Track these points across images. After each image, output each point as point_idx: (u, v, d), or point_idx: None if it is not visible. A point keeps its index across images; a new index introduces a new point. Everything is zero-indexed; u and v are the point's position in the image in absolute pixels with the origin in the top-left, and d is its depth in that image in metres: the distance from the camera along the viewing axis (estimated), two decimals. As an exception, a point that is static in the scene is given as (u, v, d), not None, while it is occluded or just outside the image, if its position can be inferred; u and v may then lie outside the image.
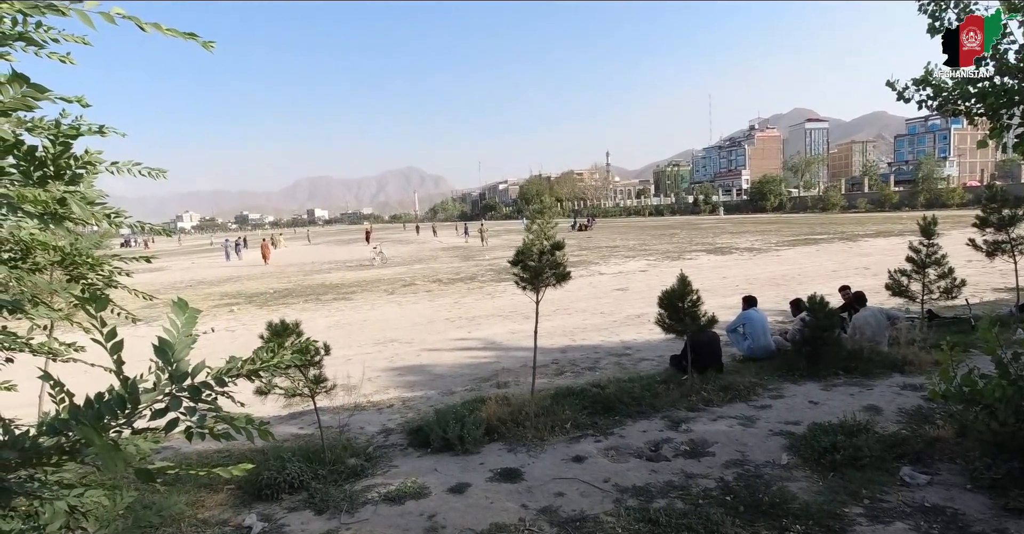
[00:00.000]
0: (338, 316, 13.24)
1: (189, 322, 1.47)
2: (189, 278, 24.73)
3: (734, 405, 5.81)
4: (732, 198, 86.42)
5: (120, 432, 1.38)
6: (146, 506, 3.65)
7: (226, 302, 16.35)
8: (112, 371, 1.48)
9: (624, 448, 4.92)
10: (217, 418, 1.37)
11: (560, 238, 5.62)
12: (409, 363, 8.68)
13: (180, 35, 1.47)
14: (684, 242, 29.83)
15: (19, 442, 1.28)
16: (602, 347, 8.97)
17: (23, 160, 1.42)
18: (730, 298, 11.68)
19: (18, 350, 2.06)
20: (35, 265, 2.15)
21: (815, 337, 6.60)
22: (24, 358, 2.33)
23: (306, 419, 6.12)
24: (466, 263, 24.72)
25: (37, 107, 1.33)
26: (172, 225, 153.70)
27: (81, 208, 1.60)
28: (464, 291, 16.06)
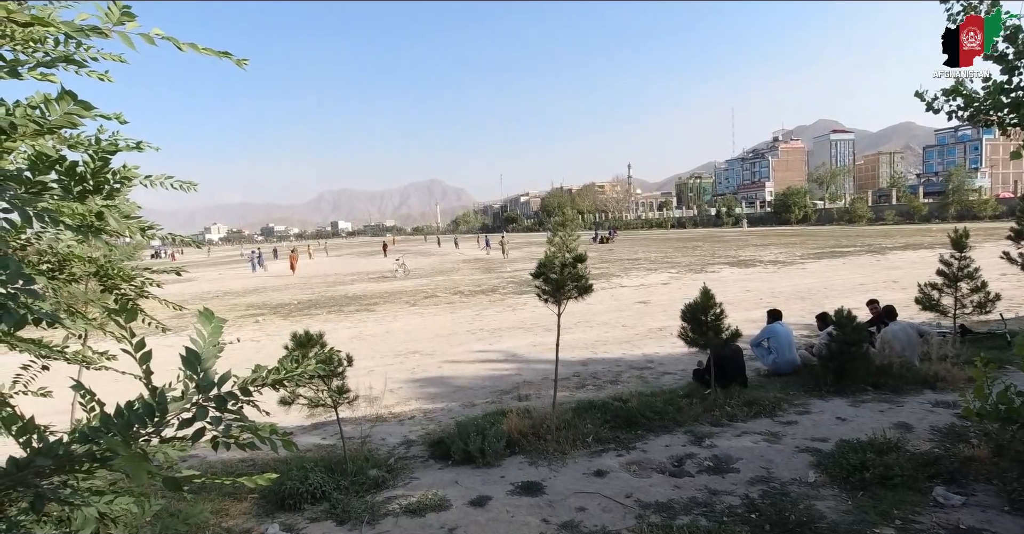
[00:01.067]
0: (361, 327, 13.34)
1: (215, 332, 1.50)
2: (216, 289, 25.15)
3: (759, 420, 5.71)
4: (755, 210, 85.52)
5: (149, 441, 1.41)
6: (172, 514, 3.70)
7: (251, 313, 16.59)
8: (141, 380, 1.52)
9: (646, 463, 4.86)
10: (242, 428, 1.39)
11: (582, 251, 5.62)
12: (430, 375, 8.70)
13: (215, 54, 1.52)
14: (707, 255, 29.54)
15: (53, 449, 1.32)
16: (624, 360, 8.90)
17: (65, 175, 1.48)
18: (754, 312, 11.52)
19: (53, 359, 2.12)
20: (71, 276, 2.22)
21: (842, 352, 6.47)
22: (57, 366, 2.41)
23: (328, 429, 6.16)
24: (487, 275, 24.77)
25: (81, 125, 1.38)
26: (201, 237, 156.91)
27: (118, 222, 1.65)
28: (485, 303, 16.07)
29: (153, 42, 1.45)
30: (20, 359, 2.28)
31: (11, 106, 1.46)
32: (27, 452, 1.32)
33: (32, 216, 1.29)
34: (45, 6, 1.59)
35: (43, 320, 1.47)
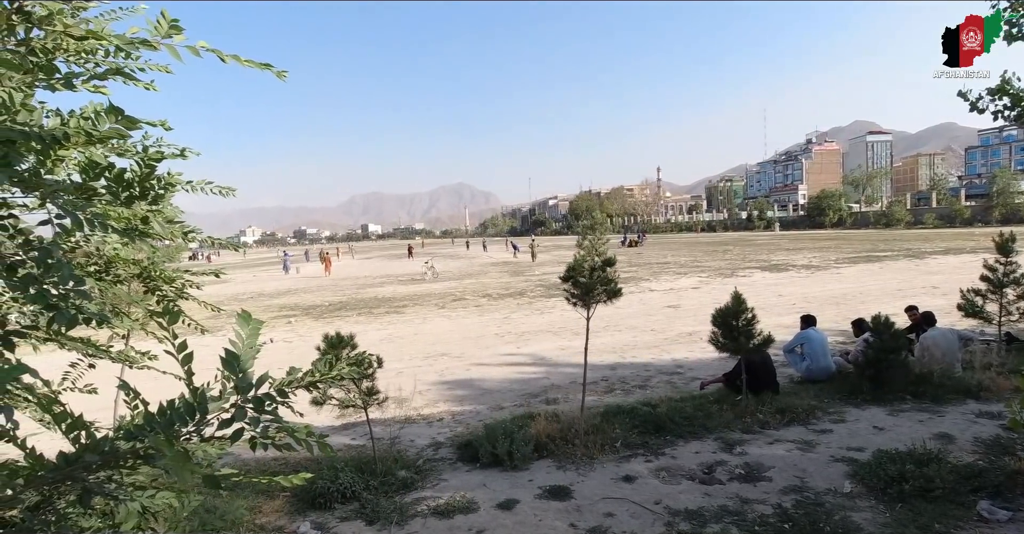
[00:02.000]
0: (390, 329, 13.48)
1: (253, 334, 1.54)
2: (251, 290, 25.68)
3: (792, 428, 5.60)
4: (788, 214, 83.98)
5: (190, 439, 1.45)
6: (208, 510, 3.79)
7: (284, 314, 16.90)
8: (181, 379, 1.57)
9: (676, 469, 4.81)
10: (279, 429, 1.43)
11: (611, 254, 5.60)
12: (459, 377, 8.74)
13: (257, 66, 1.56)
14: (737, 259, 29.09)
15: (100, 446, 1.37)
16: (653, 365, 8.82)
17: (113, 182, 1.53)
18: (786, 317, 11.32)
19: (99, 357, 2.20)
20: (117, 277, 2.30)
21: (880, 359, 6.30)
22: (100, 365, 2.49)
23: (358, 430, 6.24)
24: (515, 278, 24.80)
25: (129, 136, 1.44)
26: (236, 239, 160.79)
27: (162, 226, 1.71)
28: (514, 306, 16.10)
29: (199, 54, 1.51)
30: (67, 358, 2.37)
31: (65, 116, 1.52)
32: (75, 447, 1.38)
33: (83, 221, 1.35)
34: (98, 17, 1.67)
35: (92, 320, 1.53)
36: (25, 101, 1.39)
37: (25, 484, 1.40)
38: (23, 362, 1.27)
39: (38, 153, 1.44)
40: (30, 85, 1.43)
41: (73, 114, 1.55)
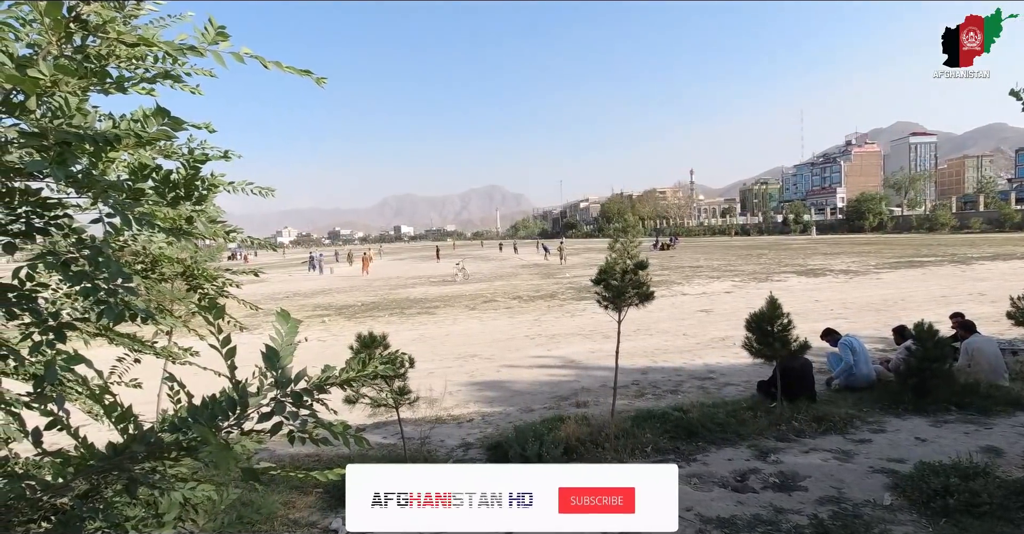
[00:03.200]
0: (421, 330, 13.59)
1: (291, 331, 1.58)
2: (286, 290, 26.19)
3: (829, 437, 5.47)
4: (825, 217, 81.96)
5: (230, 432, 1.49)
6: (245, 503, 3.88)
7: (318, 313, 17.18)
8: (220, 375, 1.61)
9: (707, 476, 4.74)
10: (316, 424, 1.46)
11: (643, 257, 5.55)
12: (489, 379, 8.77)
13: (297, 72, 1.60)
14: (772, 263, 28.53)
15: (146, 437, 1.41)
16: (684, 370, 8.71)
17: (160, 183, 1.59)
18: (823, 323, 11.05)
19: (144, 353, 2.28)
20: (161, 276, 2.38)
21: (923, 368, 6.11)
22: (143, 361, 2.58)
23: (389, 429, 6.31)
24: (546, 281, 24.77)
25: (176, 137, 1.49)
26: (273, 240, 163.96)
27: (205, 226, 1.76)
28: (544, 308, 16.07)
29: (242, 60, 1.55)
30: (114, 353, 2.46)
31: (117, 119, 1.58)
32: (123, 438, 1.43)
33: (132, 220, 1.40)
34: (148, 25, 1.73)
35: (138, 315, 1.58)
36: (80, 105, 1.45)
37: (75, 473, 1.46)
38: (79, 352, 1.33)
39: (91, 155, 1.50)
40: (85, 89, 1.49)
41: (124, 117, 1.61)
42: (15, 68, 1.22)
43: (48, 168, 1.20)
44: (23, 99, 1.35)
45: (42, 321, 1.38)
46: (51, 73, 1.26)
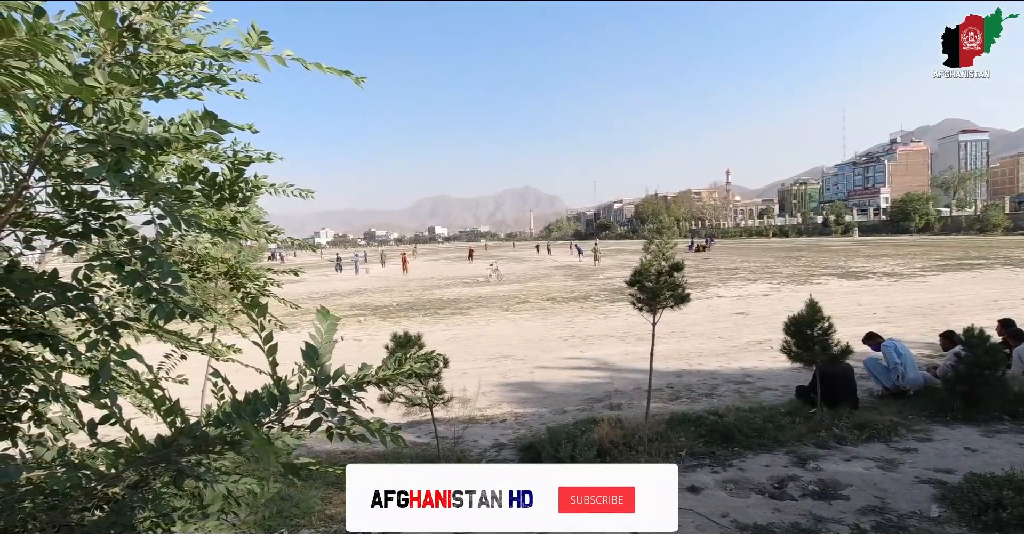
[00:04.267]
0: (455, 330, 13.68)
1: (331, 330, 1.62)
2: (323, 290, 26.67)
3: (871, 445, 5.31)
4: (868, 218, 79.55)
5: (272, 427, 1.54)
6: (284, 498, 3.98)
7: (354, 313, 17.45)
8: (261, 372, 1.65)
9: (744, 482, 4.66)
10: (354, 421, 1.49)
11: (679, 259, 5.49)
12: (522, 379, 8.78)
13: (337, 72, 1.64)
14: (812, 265, 27.84)
15: (192, 431, 1.47)
16: (720, 373, 8.57)
17: (207, 185, 1.65)
18: (866, 327, 10.73)
19: (190, 349, 2.35)
20: (206, 275, 2.46)
21: (973, 375, 5.87)
22: (187, 357, 2.66)
23: (423, 428, 6.37)
24: (580, 282, 24.66)
25: (221, 140, 1.54)
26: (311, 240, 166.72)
27: (248, 226, 1.81)
28: (577, 310, 16.01)
29: (284, 63, 1.59)
30: (161, 349, 2.55)
31: (167, 124, 1.65)
32: (171, 432, 1.49)
33: (181, 222, 1.46)
34: (196, 32, 1.79)
35: (187, 314, 1.64)
36: (133, 111, 1.52)
37: (127, 464, 1.52)
38: (132, 348, 1.38)
39: (143, 158, 1.56)
40: (137, 96, 1.55)
41: (173, 121, 1.67)
42: (73, 77, 1.28)
43: (106, 175, 1.25)
44: (80, 106, 1.42)
45: (98, 319, 1.44)
46: (106, 81, 1.32)
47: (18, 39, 1.11)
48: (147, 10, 1.47)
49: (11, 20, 1.13)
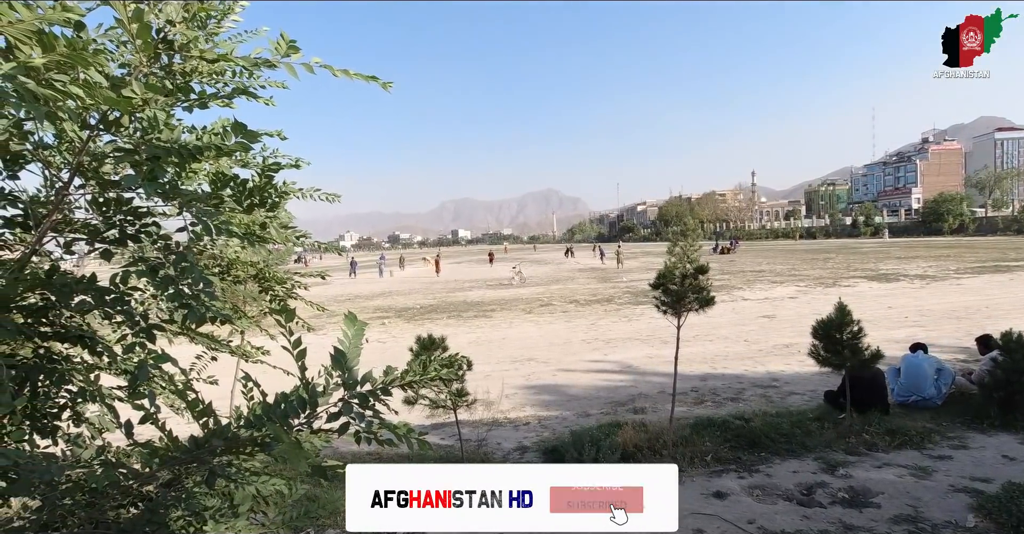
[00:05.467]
0: (478, 333, 13.72)
1: (358, 334, 1.64)
2: (348, 292, 26.95)
3: (904, 452, 5.19)
4: (899, 219, 77.74)
5: (301, 430, 1.56)
6: (311, 499, 4.02)
7: (378, 315, 17.60)
8: (288, 374, 1.68)
9: (771, 488, 4.59)
10: (381, 424, 1.51)
11: (704, 261, 5.44)
12: (545, 382, 8.76)
13: (364, 78, 1.66)
14: (840, 267, 27.31)
15: (224, 432, 1.50)
16: (746, 377, 8.46)
17: (237, 191, 1.68)
18: (897, 331, 10.52)
19: (220, 351, 2.40)
20: (236, 278, 2.51)
21: (1011, 380, 5.70)
22: (218, 357, 2.72)
23: (447, 430, 6.40)
24: (603, 285, 24.54)
25: (252, 149, 1.57)
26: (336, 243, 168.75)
27: (277, 231, 1.85)
28: (601, 313, 15.94)
29: (312, 70, 1.62)
30: (192, 350, 2.61)
31: (199, 132, 1.69)
32: (204, 432, 1.52)
33: (213, 227, 1.49)
34: (227, 41, 1.83)
35: (218, 318, 1.68)
36: (167, 120, 1.56)
37: (161, 463, 1.56)
38: (166, 352, 1.42)
39: (176, 166, 1.60)
40: (171, 106, 1.60)
41: (205, 130, 1.71)
42: (110, 88, 1.32)
43: (141, 183, 1.29)
44: (118, 116, 1.46)
45: (135, 322, 1.48)
46: (142, 92, 1.36)
47: (59, 53, 1.16)
48: (181, 22, 1.51)
49: (52, 36, 1.17)
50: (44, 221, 1.52)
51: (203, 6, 1.56)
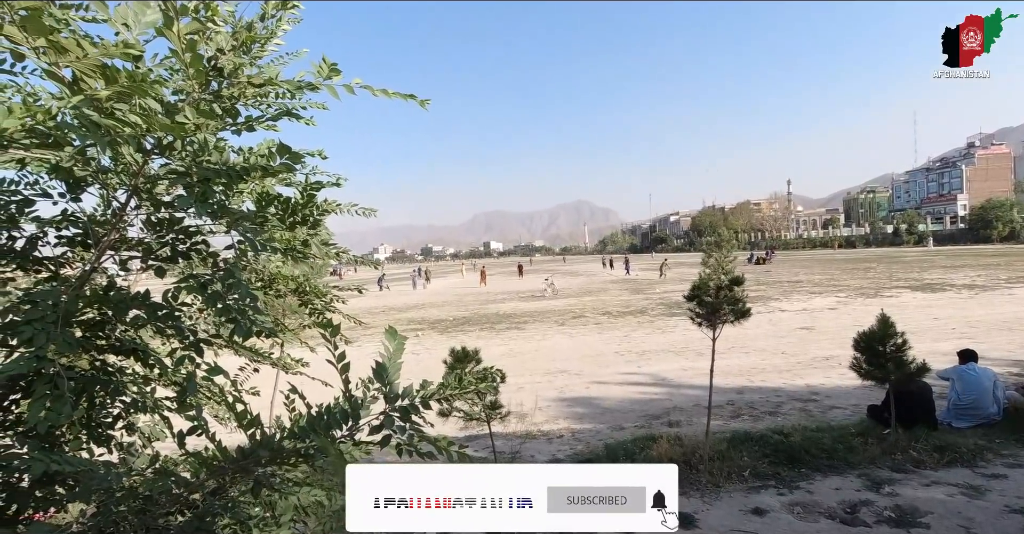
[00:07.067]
0: (511, 345, 13.72)
1: (399, 349, 1.68)
2: (382, 304, 27.27)
3: (954, 470, 5.00)
4: (944, 227, 75.35)
5: (344, 442, 1.60)
6: (347, 509, 4.08)
7: (412, 327, 17.75)
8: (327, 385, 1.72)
9: (812, 505, 4.47)
10: (422, 438, 1.54)
11: (739, 273, 5.37)
12: (578, 395, 8.71)
13: (403, 97, 1.72)
14: (882, 277, 26.54)
15: (270, 443, 1.55)
16: (784, 390, 8.27)
17: (281, 209, 1.75)
18: (944, 343, 10.16)
19: (262, 363, 2.47)
20: (277, 292, 2.58)
21: (1066, 395, 5.47)
22: (260, 369, 2.79)
23: (480, 443, 6.41)
24: (636, 296, 24.33)
25: (296, 169, 1.63)
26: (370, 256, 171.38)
27: (318, 247, 1.91)
28: (634, 324, 15.80)
29: (353, 91, 1.68)
30: (235, 361, 2.69)
31: (246, 153, 1.76)
32: (251, 443, 1.57)
33: (259, 245, 1.55)
34: (270, 64, 1.91)
35: (263, 332, 1.74)
36: (217, 143, 1.63)
37: (209, 472, 1.61)
38: (218, 364, 1.48)
39: (225, 186, 1.68)
40: (220, 129, 1.67)
41: (252, 151, 1.79)
42: (165, 115, 1.40)
43: (194, 205, 1.35)
44: (171, 141, 1.54)
45: (184, 337, 1.55)
46: (195, 118, 1.43)
47: (121, 85, 1.23)
48: (231, 50, 1.59)
49: (115, 68, 1.24)
50: (103, 240, 1.60)
51: (251, 34, 1.64)
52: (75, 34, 1.42)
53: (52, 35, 1.16)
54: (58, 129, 1.28)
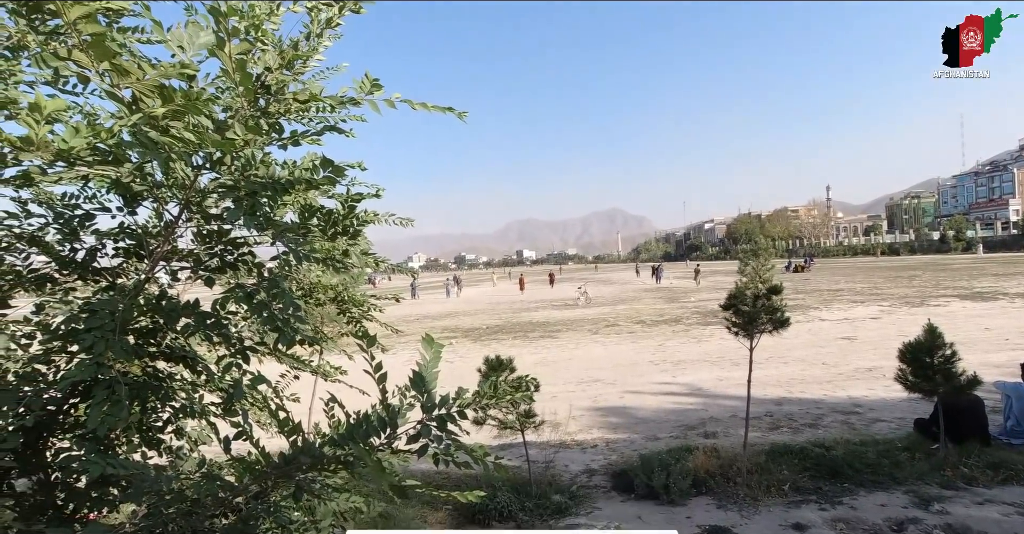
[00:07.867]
0: (544, 353, 13.70)
1: (436, 357, 1.70)
2: (417, 312, 27.54)
3: (1009, 488, 4.79)
4: (995, 233, 72.41)
5: (382, 450, 1.63)
6: (384, 516, 4.13)
7: (446, 335, 17.87)
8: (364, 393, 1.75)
9: (856, 522, 4.33)
10: (459, 447, 1.56)
11: (777, 281, 5.27)
12: (612, 404, 8.64)
13: (441, 110, 1.75)
14: (928, 285, 25.65)
15: (311, 450, 1.58)
16: (825, 402, 8.05)
17: (323, 221, 1.80)
18: (996, 354, 9.75)
19: (302, 370, 2.53)
20: (317, 301, 2.65)
21: None
22: (300, 376, 2.86)
23: (514, 451, 6.40)
24: (670, 305, 24.03)
25: (339, 182, 1.68)
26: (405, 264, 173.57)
27: (358, 258, 1.95)
28: (668, 333, 15.60)
29: (393, 105, 1.73)
30: (276, 369, 2.76)
31: (291, 167, 1.82)
32: (292, 449, 1.61)
33: (302, 256, 1.60)
34: (312, 79, 1.97)
35: (306, 341, 1.78)
36: (264, 158, 1.69)
37: (252, 477, 1.66)
38: (261, 373, 1.53)
39: (271, 199, 1.73)
40: (267, 144, 1.73)
41: (296, 165, 1.84)
42: (216, 131, 1.45)
43: (242, 218, 1.41)
44: (221, 156, 1.60)
45: (231, 344, 1.60)
46: (244, 134, 1.48)
47: (177, 104, 1.29)
48: (277, 68, 1.65)
49: (171, 88, 1.31)
50: (155, 251, 1.67)
51: (296, 53, 1.70)
52: (134, 56, 1.49)
53: (115, 58, 1.23)
54: (118, 147, 1.34)
